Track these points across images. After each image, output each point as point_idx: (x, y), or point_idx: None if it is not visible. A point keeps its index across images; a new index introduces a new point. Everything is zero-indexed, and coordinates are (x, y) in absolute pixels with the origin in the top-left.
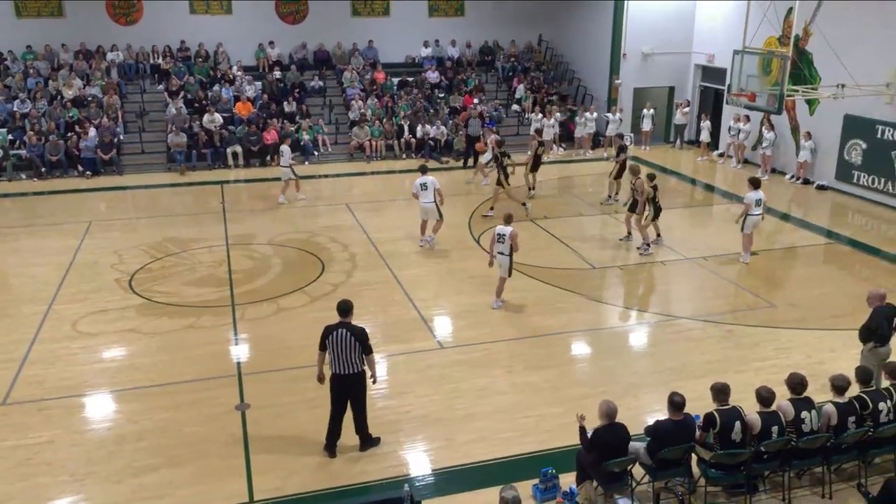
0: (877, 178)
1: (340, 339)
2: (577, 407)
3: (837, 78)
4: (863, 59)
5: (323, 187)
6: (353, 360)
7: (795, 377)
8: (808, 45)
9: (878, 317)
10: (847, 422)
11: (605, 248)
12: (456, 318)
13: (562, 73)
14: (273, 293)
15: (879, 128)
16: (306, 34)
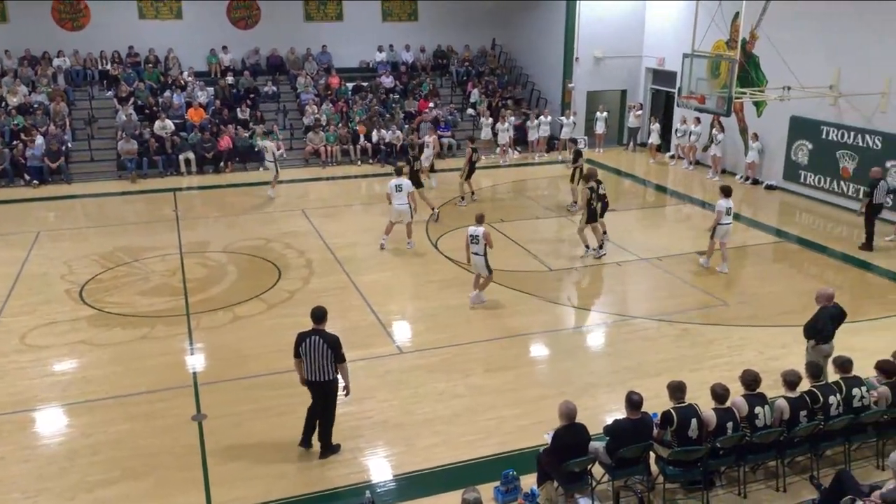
0: (823, 177)
1: (313, 347)
2: (536, 408)
3: (783, 80)
4: (807, 62)
5: (278, 193)
6: (325, 367)
7: (749, 374)
8: (754, 48)
9: (823, 316)
10: (799, 416)
11: (561, 251)
12: (414, 322)
13: (516, 76)
14: (229, 301)
15: (824, 129)
16: (259, 39)
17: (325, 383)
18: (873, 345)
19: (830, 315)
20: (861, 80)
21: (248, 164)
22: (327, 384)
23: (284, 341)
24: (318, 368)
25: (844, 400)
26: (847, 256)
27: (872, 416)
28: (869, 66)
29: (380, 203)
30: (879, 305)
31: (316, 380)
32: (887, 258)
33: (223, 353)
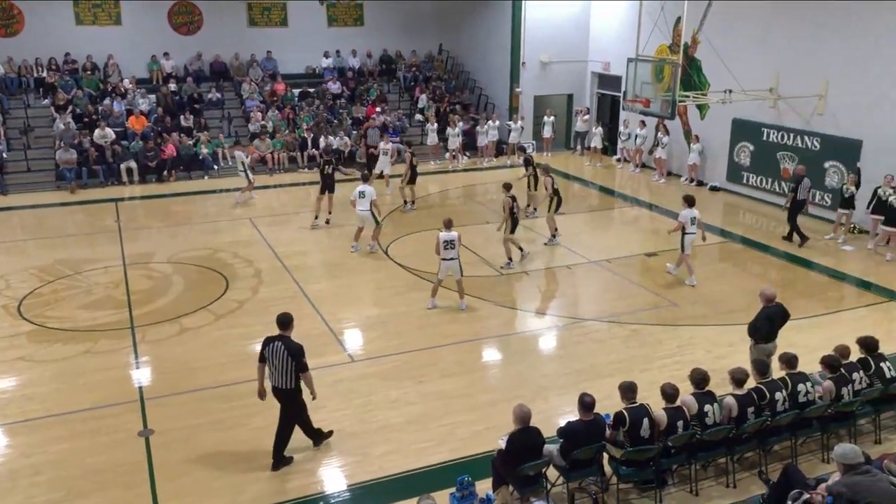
0: (764, 178)
1: (275, 353)
2: (489, 413)
3: (725, 84)
4: (747, 65)
5: (224, 202)
6: (286, 375)
7: (698, 372)
8: (696, 52)
9: (762, 316)
10: (747, 412)
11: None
12: (366, 330)
13: (463, 81)
14: (175, 313)
15: (765, 130)
16: (202, 45)
17: (284, 391)
18: (815, 341)
19: (768, 315)
20: (799, 83)
21: (192, 172)
22: (287, 392)
23: (233, 352)
24: (279, 375)
25: (790, 396)
26: (790, 255)
27: (817, 411)
28: (806, 69)
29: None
30: (820, 303)
31: (276, 386)
32: (826, 256)
33: (170, 366)
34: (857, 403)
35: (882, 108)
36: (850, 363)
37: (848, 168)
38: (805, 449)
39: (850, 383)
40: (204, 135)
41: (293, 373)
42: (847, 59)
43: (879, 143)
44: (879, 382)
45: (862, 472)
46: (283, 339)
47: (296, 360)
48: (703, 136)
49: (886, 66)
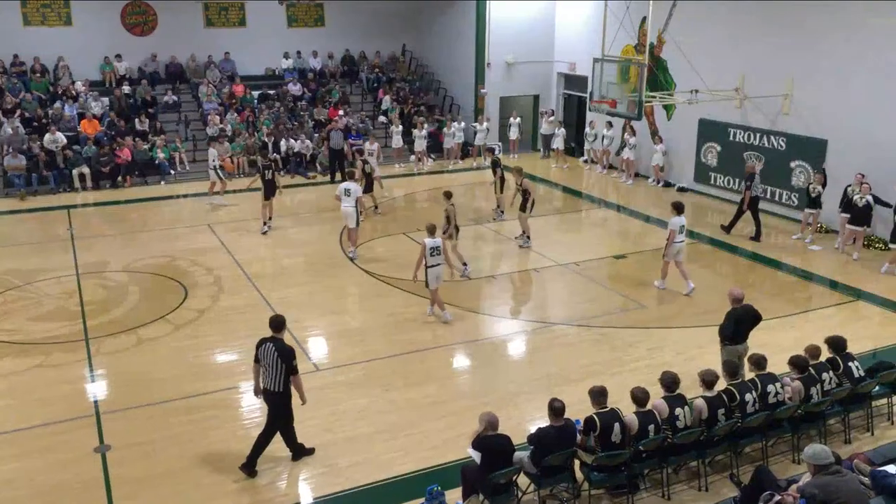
0: (731, 178)
1: (266, 354)
2: (458, 421)
3: (691, 84)
4: (713, 65)
5: (182, 208)
6: (275, 377)
7: (668, 375)
8: (662, 52)
9: (729, 318)
10: (717, 414)
11: (478, 259)
12: (330, 338)
13: (427, 83)
14: (132, 323)
15: (731, 130)
16: (156, 46)
17: (273, 394)
18: (785, 341)
19: (737, 317)
20: (765, 82)
21: (148, 177)
22: (276, 395)
23: (193, 364)
24: (269, 377)
25: (760, 397)
26: (757, 255)
27: (787, 412)
28: (772, 69)
29: (290, 215)
30: (789, 303)
31: (266, 387)
32: (794, 256)
33: (127, 378)
34: (826, 403)
35: (847, 107)
36: (819, 363)
37: (814, 168)
38: (776, 450)
39: (819, 383)
40: (160, 139)
41: (283, 376)
42: (812, 58)
43: (844, 142)
44: (848, 382)
45: (832, 472)
46: (274, 341)
47: (285, 363)
48: (670, 137)
49: (850, 66)
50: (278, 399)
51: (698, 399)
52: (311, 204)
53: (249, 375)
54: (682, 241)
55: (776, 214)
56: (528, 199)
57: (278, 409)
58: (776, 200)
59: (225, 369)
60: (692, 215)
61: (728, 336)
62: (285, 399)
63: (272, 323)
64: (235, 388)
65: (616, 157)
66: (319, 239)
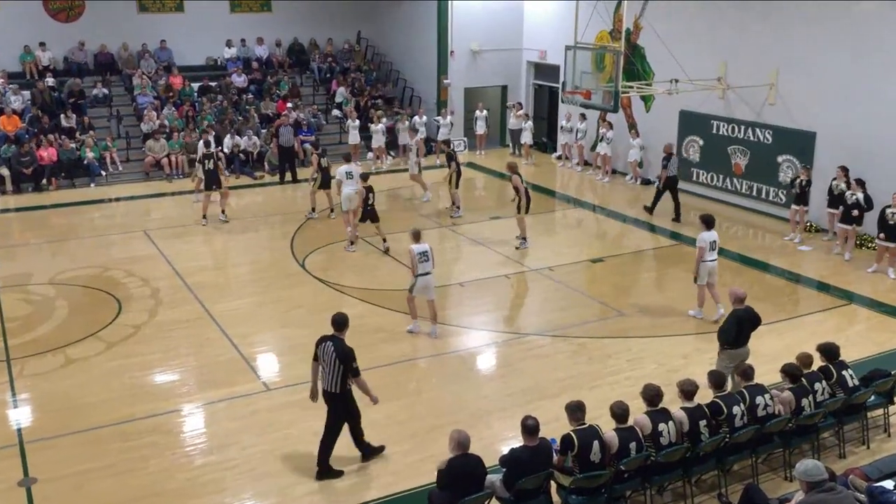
0: (715, 175)
1: (325, 353)
2: (424, 442)
3: (670, 73)
4: (694, 52)
5: (114, 213)
6: (333, 378)
7: (650, 389)
8: (639, 39)
9: (731, 319)
10: (699, 426)
11: (444, 264)
12: (282, 354)
13: (385, 73)
14: (59, 342)
15: (714, 123)
16: (84, 34)
17: (332, 395)
18: (774, 349)
19: (739, 318)
20: (749, 71)
21: (76, 179)
22: (333, 396)
23: (129, 385)
24: (327, 377)
25: (748, 409)
26: (744, 258)
27: (778, 425)
28: (756, 56)
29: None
30: (777, 307)
31: (324, 388)
32: (783, 257)
33: (55, 403)
34: (819, 415)
35: (836, 97)
36: (811, 372)
37: (802, 162)
38: (766, 467)
39: (812, 394)
40: (89, 137)
41: (340, 377)
42: (798, 45)
43: (834, 135)
44: (842, 392)
45: (826, 489)
46: (333, 340)
47: (344, 364)
48: (648, 131)
49: (838, 54)
50: (337, 400)
51: (678, 411)
52: (259, 207)
53: (191, 397)
54: (714, 259)
55: (763, 213)
56: (521, 199)
57: (338, 412)
58: (763, 198)
59: (165, 390)
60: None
61: (730, 340)
62: (344, 400)
63: (334, 321)
64: (177, 410)
65: (591, 153)
66: (269, 245)
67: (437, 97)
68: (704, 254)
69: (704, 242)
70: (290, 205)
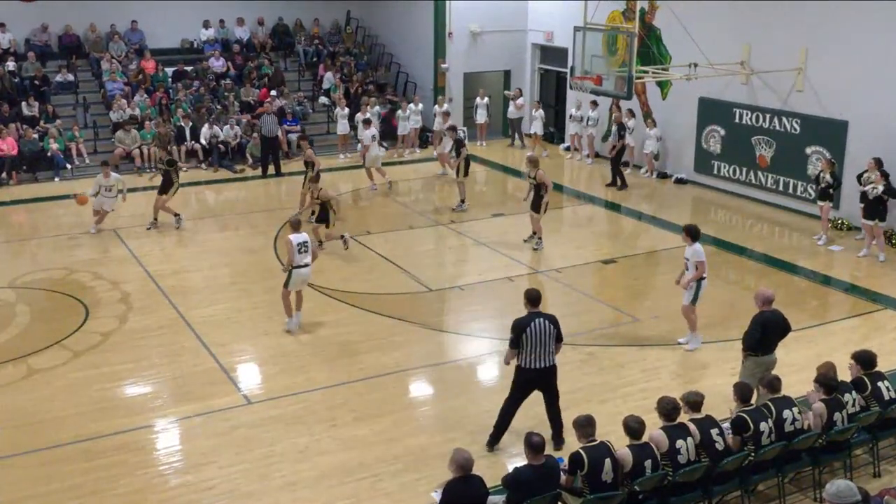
0: (738, 168)
1: (541, 330)
2: (419, 460)
3: (689, 57)
4: (715, 34)
5: (81, 210)
6: (549, 352)
7: (666, 402)
8: (654, 19)
9: (755, 323)
10: (712, 435)
11: (442, 266)
12: (265, 364)
13: (377, 57)
14: (20, 351)
15: (737, 111)
16: (47, 14)
17: (550, 369)
18: (801, 359)
19: (765, 322)
20: (774, 54)
21: (38, 173)
22: (552, 369)
23: (96, 398)
24: (545, 353)
25: (775, 424)
26: (769, 258)
27: (806, 442)
28: (782, 38)
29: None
30: (805, 313)
31: (541, 366)
32: (812, 258)
33: (15, 418)
34: (852, 431)
35: (871, 82)
36: (842, 383)
37: (833, 154)
38: (794, 487)
39: (843, 407)
40: (53, 126)
41: (553, 346)
42: (828, 26)
43: (868, 124)
44: (877, 405)
45: None
46: (541, 315)
47: (558, 331)
48: (665, 120)
49: (873, 34)
50: (553, 373)
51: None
52: (240, 203)
53: (165, 411)
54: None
55: (790, 209)
56: (542, 197)
57: (553, 384)
58: (790, 193)
59: (136, 404)
60: (692, 210)
61: (753, 345)
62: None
63: (533, 297)
64: (149, 426)
65: (602, 144)
66: (249, 246)
67: (434, 83)
68: (704, 269)
69: (701, 255)
70: (274, 201)
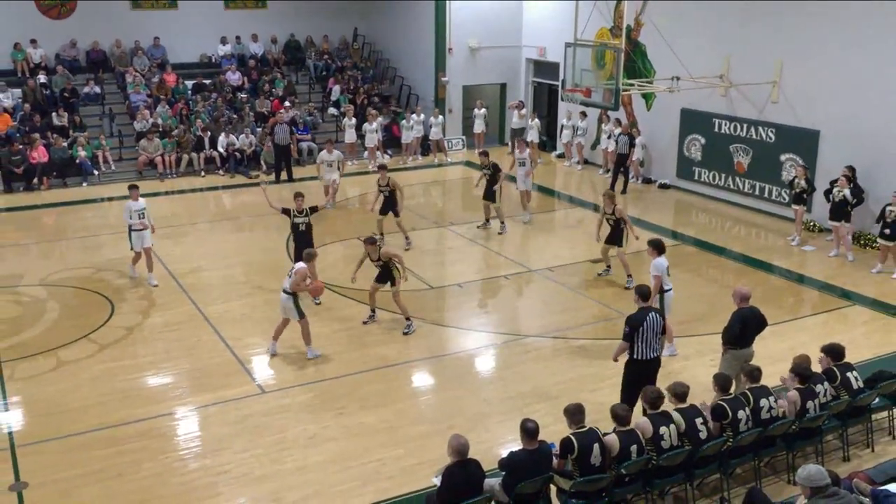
0: (717, 173)
1: (654, 324)
2: (420, 447)
3: (672, 70)
4: (695, 49)
5: (107, 213)
6: (656, 344)
7: (651, 391)
8: (640, 36)
9: (734, 319)
10: (696, 424)
11: (442, 265)
12: (277, 356)
13: (382, 70)
14: (50, 344)
15: (716, 121)
16: (76, 31)
17: (657, 360)
18: (776, 351)
19: (743, 317)
20: (751, 68)
21: (67, 178)
22: (658, 361)
23: (120, 388)
24: (652, 346)
25: (752, 412)
26: (747, 258)
27: (781, 428)
28: (758, 53)
29: (231, 219)
30: (780, 309)
31: (650, 357)
32: (786, 258)
33: (45, 407)
34: (823, 418)
35: (840, 95)
36: (815, 374)
37: (805, 161)
38: (769, 470)
39: (816, 396)
40: (81, 135)
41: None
42: (802, 42)
43: (838, 133)
44: (846, 394)
45: (829, 494)
46: (652, 310)
47: (664, 324)
48: (649, 129)
49: (843, 50)
50: (658, 364)
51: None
52: (254, 206)
53: (184, 400)
54: (671, 287)
55: (766, 212)
56: (622, 230)
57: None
58: (765, 197)
59: (157, 394)
60: (675, 213)
61: (733, 340)
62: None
63: (644, 292)
64: (169, 414)
65: (591, 152)
66: (263, 245)
67: (435, 95)
68: (665, 281)
69: (661, 268)
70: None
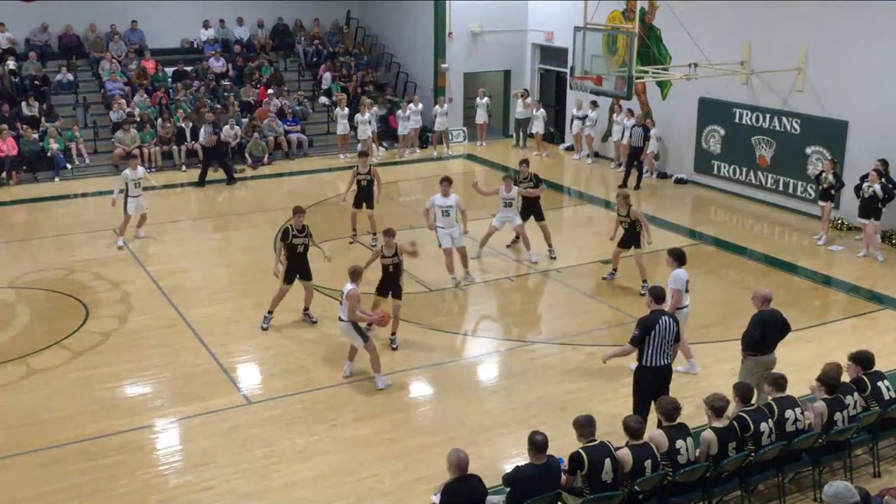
0: (738, 168)
1: (667, 328)
2: (418, 461)
3: (689, 57)
4: (714, 34)
5: (81, 210)
6: (669, 350)
7: (667, 402)
8: (654, 19)
9: (754, 323)
10: (728, 448)
11: (441, 266)
12: (264, 364)
13: (377, 57)
14: (20, 351)
15: (737, 111)
16: (47, 14)
17: (668, 367)
18: (803, 358)
19: (763, 321)
20: (774, 54)
21: (38, 173)
22: (669, 369)
23: (95, 398)
24: (665, 351)
25: (776, 424)
26: (769, 258)
27: (807, 442)
28: (782, 38)
29: (214, 217)
30: (805, 313)
31: (661, 364)
32: (812, 258)
33: (14, 418)
34: (852, 431)
35: (871, 82)
36: (844, 384)
37: (833, 154)
38: (794, 487)
39: (844, 407)
40: (53, 126)
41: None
42: (829, 26)
43: (868, 124)
44: (877, 405)
45: None
46: (665, 313)
47: (678, 330)
48: (665, 120)
49: (873, 34)
50: (670, 373)
51: (707, 431)
52: (239, 203)
53: (165, 412)
54: (688, 304)
55: (790, 209)
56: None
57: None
58: (790, 193)
59: (136, 404)
60: (692, 210)
61: (753, 345)
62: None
63: (659, 294)
64: (149, 426)
65: (602, 144)
66: (248, 245)
67: (434, 83)
68: (682, 297)
69: (681, 282)
70: (273, 200)
